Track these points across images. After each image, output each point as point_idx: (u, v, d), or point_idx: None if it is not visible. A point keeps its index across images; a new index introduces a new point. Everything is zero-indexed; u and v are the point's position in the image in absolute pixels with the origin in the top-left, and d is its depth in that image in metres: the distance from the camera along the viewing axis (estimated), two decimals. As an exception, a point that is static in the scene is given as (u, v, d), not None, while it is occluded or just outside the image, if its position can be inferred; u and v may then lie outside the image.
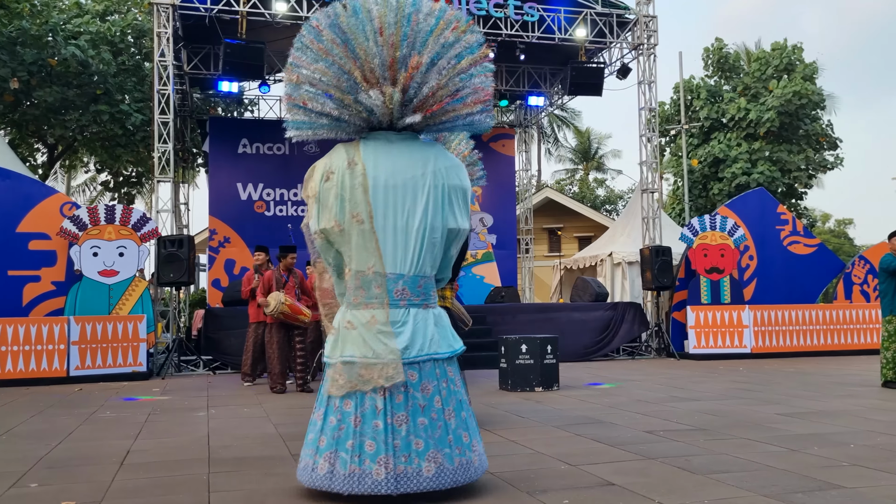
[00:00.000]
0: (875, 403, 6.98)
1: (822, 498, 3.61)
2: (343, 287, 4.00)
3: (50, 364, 9.96)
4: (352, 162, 3.88)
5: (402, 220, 3.85)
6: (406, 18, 3.85)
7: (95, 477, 4.31)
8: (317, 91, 3.90)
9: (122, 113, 16.05)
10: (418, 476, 3.61)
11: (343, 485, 3.58)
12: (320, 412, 3.78)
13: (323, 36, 3.88)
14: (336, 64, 3.86)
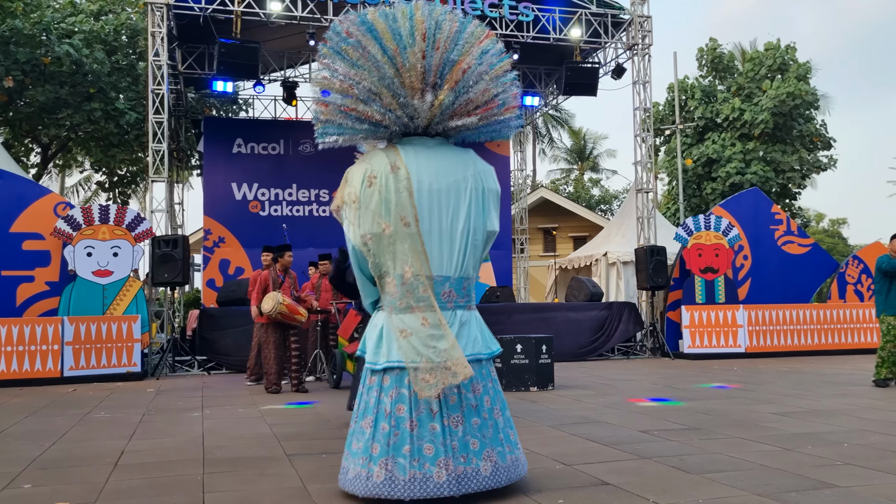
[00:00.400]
0: (868, 402, 7.00)
1: (816, 497, 3.63)
2: (374, 292, 4.02)
3: (44, 364, 9.93)
4: (394, 166, 3.87)
5: (447, 223, 3.88)
6: (438, 25, 3.89)
7: (89, 478, 4.30)
8: (362, 96, 3.89)
9: (117, 111, 16.02)
10: (477, 475, 3.66)
11: (405, 490, 3.56)
12: (369, 419, 3.73)
13: (360, 41, 3.87)
14: (377, 69, 3.84)
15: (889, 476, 4.02)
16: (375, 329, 3.89)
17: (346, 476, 3.76)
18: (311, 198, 16.61)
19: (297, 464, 4.59)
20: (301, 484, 4.06)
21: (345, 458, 3.83)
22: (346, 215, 3.93)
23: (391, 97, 3.87)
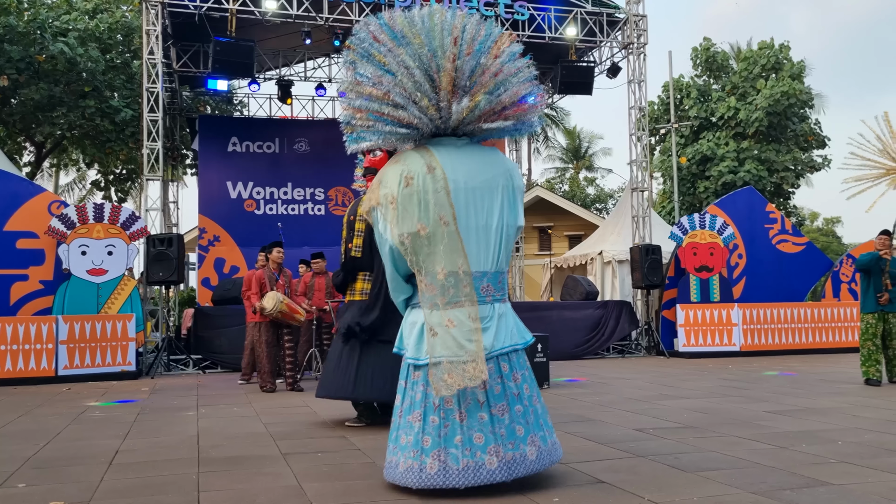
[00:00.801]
0: (862, 401, 7.03)
1: (810, 495, 3.64)
2: (407, 289, 4.11)
3: (38, 363, 9.90)
4: (430, 167, 3.98)
5: (483, 220, 4.00)
6: (465, 29, 4.01)
7: (84, 477, 4.29)
8: (399, 101, 3.95)
9: (111, 108, 15.97)
10: (525, 460, 3.81)
11: (459, 479, 3.69)
12: (416, 413, 3.83)
13: (390, 47, 3.95)
14: (411, 74, 3.92)
15: (883, 474, 4.04)
16: (415, 326, 3.99)
17: (395, 470, 3.84)
18: (306, 196, 16.58)
19: (293, 463, 4.59)
20: (296, 483, 4.06)
21: (391, 453, 3.91)
22: (380, 216, 4.02)
23: (426, 101, 3.96)
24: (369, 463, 4.55)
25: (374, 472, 4.31)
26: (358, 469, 4.40)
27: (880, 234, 8.59)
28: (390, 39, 3.95)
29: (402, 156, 4.11)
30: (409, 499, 3.69)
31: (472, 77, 4.02)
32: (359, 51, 4.02)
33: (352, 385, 5.79)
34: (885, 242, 8.48)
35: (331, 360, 6.07)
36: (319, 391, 6.14)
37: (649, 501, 3.57)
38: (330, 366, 6.06)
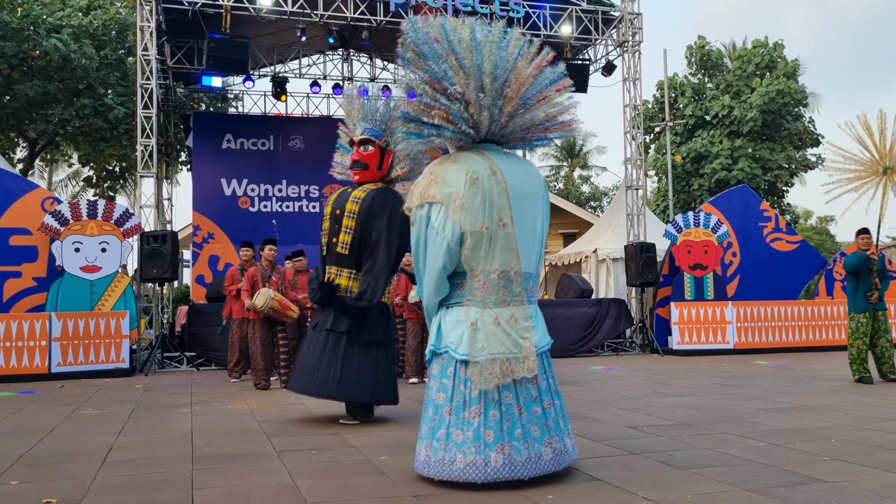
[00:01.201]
0: (855, 398, 7.05)
1: (804, 492, 3.65)
2: (446, 289, 4.13)
3: (31, 360, 9.87)
4: (493, 170, 4.10)
5: (530, 225, 4.20)
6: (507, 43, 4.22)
7: (77, 474, 4.27)
8: (454, 99, 4.07)
9: (105, 106, 15.91)
10: (566, 451, 4.04)
11: (523, 471, 3.82)
12: (475, 409, 3.88)
13: (446, 49, 4.08)
14: (466, 77, 4.07)
15: (876, 471, 4.05)
16: (461, 324, 4.03)
17: (453, 466, 3.83)
18: (300, 194, 16.55)
19: (287, 460, 4.58)
20: (291, 480, 4.06)
21: (444, 450, 3.89)
22: (439, 212, 4.04)
23: (476, 105, 4.09)
24: (364, 460, 4.55)
25: (369, 469, 4.30)
26: (352, 466, 4.40)
27: (861, 234, 8.61)
28: (448, 42, 4.08)
29: (460, 156, 4.17)
30: (404, 497, 3.69)
31: (509, 86, 4.15)
32: (418, 49, 4.09)
33: (336, 385, 5.75)
34: (868, 241, 8.52)
35: (310, 355, 5.95)
36: (296, 385, 6.02)
37: (644, 499, 3.58)
38: (310, 361, 5.91)
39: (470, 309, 4.04)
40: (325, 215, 6.22)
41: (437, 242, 4.04)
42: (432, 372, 4.12)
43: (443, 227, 4.02)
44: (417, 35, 4.09)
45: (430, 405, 4.07)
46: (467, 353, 3.94)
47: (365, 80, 17.28)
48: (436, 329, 4.16)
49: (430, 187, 4.09)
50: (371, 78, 17.37)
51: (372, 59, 17.37)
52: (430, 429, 4.01)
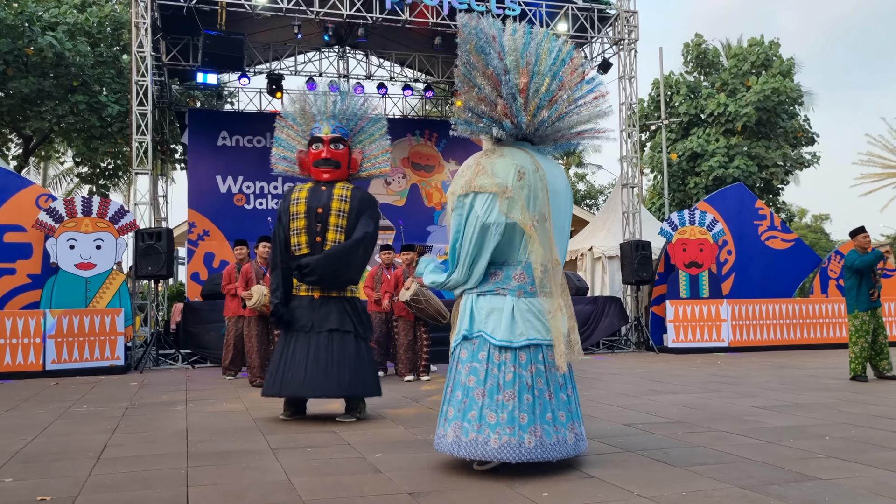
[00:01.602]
0: (849, 396, 7.08)
1: (798, 489, 3.66)
2: (480, 276, 4.24)
3: (25, 358, 9.85)
4: (536, 166, 4.25)
5: (562, 222, 4.40)
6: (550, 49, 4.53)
7: (71, 472, 4.26)
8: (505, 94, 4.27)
9: (100, 103, 15.85)
10: (583, 438, 4.28)
11: (553, 453, 4.04)
12: (510, 392, 4.06)
13: (498, 47, 4.32)
14: (519, 74, 4.29)
15: (870, 468, 4.07)
16: (503, 311, 4.17)
17: (487, 447, 3.98)
18: (296, 191, 16.50)
19: (282, 457, 4.58)
20: (286, 477, 4.05)
21: (477, 431, 4.02)
22: (486, 202, 4.15)
23: (522, 102, 4.29)
24: (359, 458, 4.55)
25: (364, 466, 4.30)
26: (347, 464, 4.39)
27: (861, 233, 8.61)
28: (499, 41, 4.34)
29: (506, 151, 4.31)
30: (399, 494, 3.69)
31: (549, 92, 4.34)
32: (477, 44, 4.29)
33: (349, 382, 5.79)
34: (869, 240, 8.56)
35: (296, 356, 5.79)
36: (292, 390, 5.83)
37: (639, 496, 3.58)
38: (320, 362, 5.77)
39: (506, 298, 4.20)
40: (298, 213, 5.97)
41: (480, 231, 4.17)
42: (460, 356, 4.23)
43: (488, 217, 4.15)
44: (478, 31, 4.30)
45: (458, 388, 4.17)
46: (507, 338, 4.11)
47: (361, 78, 17.26)
48: (468, 315, 4.25)
49: (478, 177, 4.21)
50: (367, 75, 17.35)
51: (367, 56, 17.34)
52: (459, 411, 4.11)
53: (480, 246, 4.18)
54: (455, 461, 4.33)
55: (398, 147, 17.71)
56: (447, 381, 4.28)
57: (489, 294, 4.24)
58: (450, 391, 4.21)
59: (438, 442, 4.20)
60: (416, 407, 6.84)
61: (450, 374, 4.27)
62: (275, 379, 5.88)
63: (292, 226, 6.00)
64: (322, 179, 6.12)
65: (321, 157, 6.09)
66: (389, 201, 17.39)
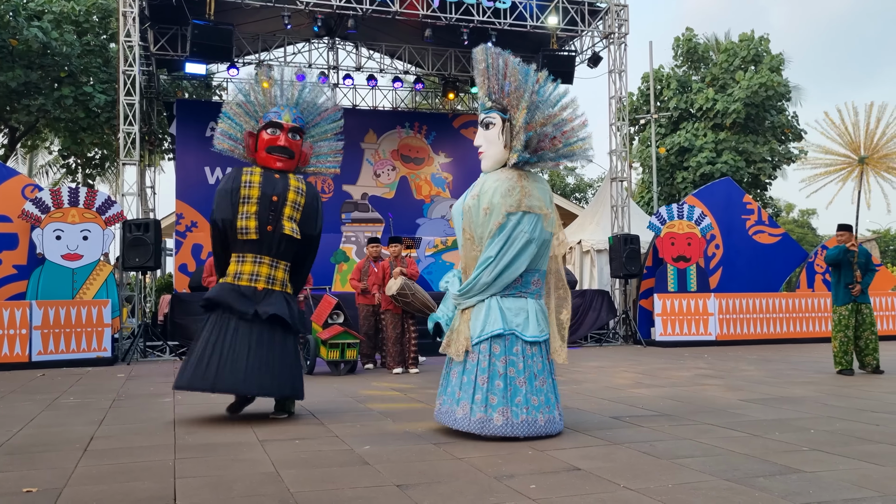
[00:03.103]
0: (833, 390, 7.14)
1: (783, 482, 3.69)
2: (506, 282, 4.92)
3: (11, 349, 9.78)
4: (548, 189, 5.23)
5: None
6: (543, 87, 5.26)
7: (58, 463, 4.25)
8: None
9: (86, 95, 15.72)
10: (555, 421, 4.89)
11: (519, 430, 4.71)
12: (542, 378, 4.90)
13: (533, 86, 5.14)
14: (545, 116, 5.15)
15: (853, 461, 4.11)
16: (525, 311, 4.93)
17: (536, 425, 4.77)
18: (285, 183, 16.45)
19: (270, 449, 4.57)
20: (274, 469, 4.05)
21: (526, 413, 4.76)
22: (529, 222, 4.91)
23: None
24: (347, 450, 4.55)
25: (352, 458, 4.31)
26: (336, 456, 4.40)
27: (840, 230, 8.72)
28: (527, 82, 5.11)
29: (533, 176, 5.12)
30: (387, 486, 3.70)
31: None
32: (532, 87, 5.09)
33: (284, 379, 5.51)
34: (845, 237, 8.63)
35: (236, 348, 5.40)
36: (227, 383, 5.37)
37: (625, 488, 3.61)
38: (253, 355, 5.39)
39: (529, 300, 4.97)
40: (250, 197, 5.60)
41: (524, 245, 4.89)
42: (494, 351, 4.82)
43: (534, 233, 4.91)
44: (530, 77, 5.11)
45: (496, 377, 4.78)
46: (537, 334, 4.88)
47: (351, 69, 17.20)
48: (498, 314, 4.85)
49: (526, 199, 4.92)
50: (357, 67, 17.28)
51: (357, 47, 17.28)
52: (503, 397, 4.74)
53: (525, 258, 4.90)
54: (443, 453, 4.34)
55: (388, 139, 17.68)
56: (473, 370, 4.84)
57: (512, 296, 4.95)
58: (487, 381, 4.78)
59: (483, 426, 4.72)
60: (404, 400, 6.85)
61: (486, 366, 4.81)
62: (205, 372, 5.36)
63: (241, 209, 5.59)
64: (273, 167, 5.78)
65: (277, 143, 5.75)
66: (379, 193, 17.36)
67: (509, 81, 5.05)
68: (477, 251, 5.01)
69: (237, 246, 5.66)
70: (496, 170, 5.09)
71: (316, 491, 3.62)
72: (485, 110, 5.15)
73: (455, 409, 4.84)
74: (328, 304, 9.09)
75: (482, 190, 4.99)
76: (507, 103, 5.06)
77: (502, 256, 4.84)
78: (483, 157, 5.16)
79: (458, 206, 5.23)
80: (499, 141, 5.05)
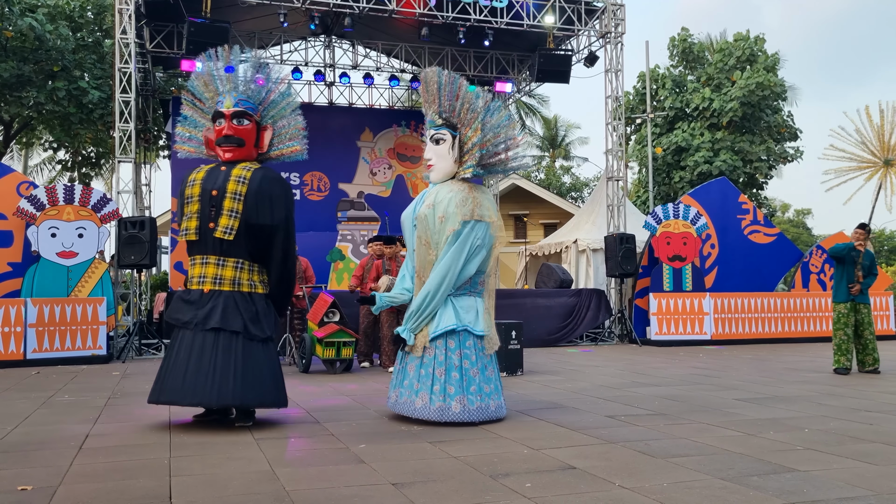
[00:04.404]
0: (828, 389, 7.16)
1: (777, 481, 3.70)
2: (459, 281, 5.40)
3: (6, 347, 9.76)
4: None
5: None
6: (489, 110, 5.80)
7: (53, 461, 4.24)
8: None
9: (80, 89, 15.67)
10: (501, 407, 5.47)
11: (475, 415, 5.23)
12: (492, 368, 5.47)
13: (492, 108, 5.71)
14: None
15: (847, 461, 4.13)
16: (474, 309, 5.46)
17: (488, 410, 5.32)
18: (281, 181, 16.44)
19: (265, 447, 4.57)
20: (269, 468, 4.05)
21: (480, 400, 5.29)
22: (482, 230, 5.42)
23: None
24: (342, 448, 4.55)
25: (348, 457, 4.31)
26: (331, 454, 4.40)
27: (857, 228, 8.74)
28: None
29: (481, 188, 5.62)
30: (382, 484, 3.70)
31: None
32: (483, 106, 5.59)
33: (238, 388, 5.11)
34: (860, 235, 8.65)
35: (179, 358, 5.18)
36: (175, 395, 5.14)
37: (620, 487, 3.62)
38: (199, 365, 5.10)
39: (477, 299, 5.50)
40: (192, 196, 5.32)
41: (480, 251, 5.41)
42: (449, 345, 5.30)
43: (485, 242, 5.43)
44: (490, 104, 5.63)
45: (452, 370, 5.27)
46: (484, 330, 5.41)
47: (347, 67, 17.18)
48: (452, 312, 5.33)
49: (478, 208, 5.41)
50: (353, 65, 17.27)
51: (354, 46, 17.26)
52: (460, 387, 5.24)
53: (475, 263, 5.40)
54: (438, 451, 4.35)
55: (384, 138, 17.67)
56: (431, 364, 5.28)
57: (464, 296, 5.43)
58: (443, 373, 5.25)
59: (442, 414, 5.18)
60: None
61: (441, 359, 5.28)
62: (155, 384, 5.29)
63: (186, 210, 5.33)
64: (225, 160, 5.43)
65: (222, 133, 5.40)
66: (375, 192, 17.36)
67: (461, 102, 5.50)
68: (433, 255, 5.40)
69: (188, 249, 5.45)
70: (445, 181, 5.56)
71: (311, 489, 3.62)
72: (435, 127, 5.57)
73: (414, 400, 5.28)
74: (324, 302, 9.09)
75: (437, 200, 5.41)
76: (458, 122, 5.53)
77: (456, 258, 5.32)
78: (433, 169, 5.60)
79: (409, 214, 5.67)
80: (449, 156, 5.52)
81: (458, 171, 5.55)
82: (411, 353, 5.38)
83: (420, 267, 5.50)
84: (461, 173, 5.54)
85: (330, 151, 16.77)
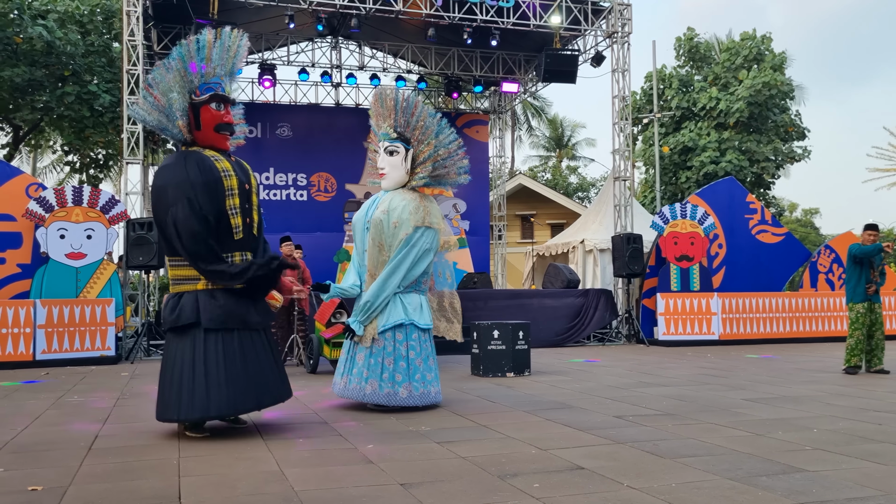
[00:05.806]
0: (837, 389, 7.14)
1: (786, 481, 3.70)
2: (407, 281, 6.02)
3: (15, 348, 9.81)
4: None
5: None
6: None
7: (63, 462, 4.26)
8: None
9: (90, 94, 15.74)
10: (439, 393, 6.17)
11: (418, 400, 5.89)
12: (432, 359, 6.12)
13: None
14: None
15: (856, 461, 4.11)
16: (420, 306, 6.09)
17: (429, 396, 6.00)
18: (288, 182, 16.50)
19: (274, 448, 4.59)
20: (278, 468, 4.06)
21: (423, 386, 5.95)
22: (431, 236, 6.07)
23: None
24: (351, 448, 4.56)
25: (356, 457, 4.32)
26: (339, 454, 4.41)
27: (869, 230, 8.69)
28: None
29: (429, 198, 6.22)
30: (391, 484, 3.71)
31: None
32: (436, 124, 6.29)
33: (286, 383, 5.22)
34: (874, 237, 8.62)
35: (265, 360, 5.05)
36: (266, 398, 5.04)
37: (628, 487, 3.62)
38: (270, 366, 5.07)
39: (422, 296, 6.14)
40: (233, 189, 4.96)
41: (425, 253, 6.02)
42: (397, 337, 5.90)
43: (433, 247, 6.08)
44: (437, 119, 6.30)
45: (400, 359, 5.88)
46: (429, 323, 6.10)
47: (354, 68, 17.20)
48: (400, 307, 5.93)
49: (428, 217, 6.02)
50: (360, 66, 17.29)
51: (360, 47, 17.28)
52: (405, 374, 5.87)
53: (423, 265, 6.03)
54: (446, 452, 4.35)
55: (390, 138, 17.65)
56: (380, 354, 5.85)
57: (411, 292, 6.05)
58: (391, 363, 5.83)
59: (390, 398, 5.80)
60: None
61: (388, 350, 5.85)
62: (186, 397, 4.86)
63: (228, 203, 4.92)
64: (224, 148, 5.16)
65: (225, 120, 5.09)
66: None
67: (417, 119, 6.13)
68: (385, 255, 5.96)
69: (222, 244, 4.95)
70: (397, 189, 6.16)
71: (320, 489, 3.63)
72: (389, 139, 6.18)
73: (364, 386, 5.83)
74: (331, 303, 9.10)
75: (391, 206, 5.99)
76: (412, 136, 6.15)
77: (404, 260, 5.91)
78: (385, 178, 6.21)
79: (360, 217, 6.18)
80: (401, 166, 6.14)
81: (410, 180, 6.17)
82: (360, 343, 5.91)
83: (372, 266, 6.03)
84: (413, 183, 6.16)
85: (337, 152, 16.80)
